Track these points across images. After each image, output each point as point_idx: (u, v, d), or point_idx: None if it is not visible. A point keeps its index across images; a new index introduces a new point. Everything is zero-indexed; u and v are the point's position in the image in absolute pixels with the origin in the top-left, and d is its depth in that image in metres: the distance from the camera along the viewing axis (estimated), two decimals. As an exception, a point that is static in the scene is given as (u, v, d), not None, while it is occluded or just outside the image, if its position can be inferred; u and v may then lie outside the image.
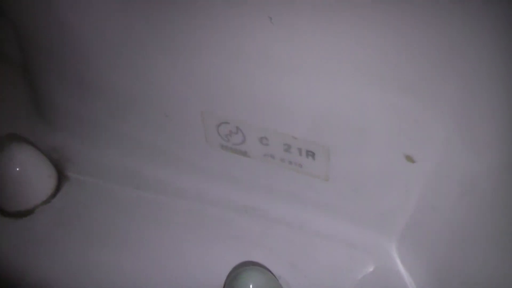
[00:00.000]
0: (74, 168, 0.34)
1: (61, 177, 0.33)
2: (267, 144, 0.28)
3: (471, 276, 0.26)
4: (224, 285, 0.27)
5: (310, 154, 0.27)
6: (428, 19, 0.21)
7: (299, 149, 0.27)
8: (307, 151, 0.27)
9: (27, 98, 0.38)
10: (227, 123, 0.28)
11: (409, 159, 0.25)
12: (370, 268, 0.29)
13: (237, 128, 0.28)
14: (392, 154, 0.26)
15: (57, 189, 0.33)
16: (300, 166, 0.28)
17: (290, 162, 0.28)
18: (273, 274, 0.28)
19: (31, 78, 0.36)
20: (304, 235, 0.30)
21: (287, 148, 0.28)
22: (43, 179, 0.32)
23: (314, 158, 0.27)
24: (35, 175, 0.32)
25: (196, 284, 0.29)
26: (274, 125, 0.27)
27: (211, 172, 0.32)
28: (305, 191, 0.30)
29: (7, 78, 0.40)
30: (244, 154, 0.29)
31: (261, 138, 0.28)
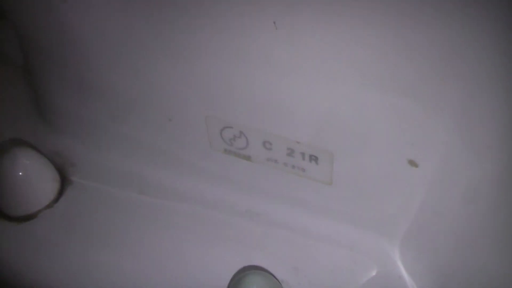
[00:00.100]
0: (77, 172, 0.34)
1: (64, 181, 0.33)
2: (270, 149, 0.28)
3: (474, 280, 0.26)
4: (227, 289, 0.27)
5: (313, 158, 0.27)
6: (428, 21, 0.21)
7: (302, 153, 0.27)
8: (310, 156, 0.27)
9: (29, 101, 0.38)
10: (231, 127, 0.28)
11: (412, 163, 0.25)
12: (373, 272, 0.29)
13: (240, 132, 0.28)
14: (395, 158, 0.26)
15: (60, 193, 0.33)
16: (303, 170, 0.28)
17: (293, 167, 0.28)
18: (276, 279, 0.28)
19: (32, 79, 0.36)
20: (307, 239, 0.30)
21: (290, 152, 0.28)
22: (46, 183, 0.32)
23: (317, 163, 0.27)
24: (38, 179, 0.32)
25: (199, 288, 0.28)
26: (278, 129, 0.27)
27: (214, 176, 0.32)
28: (308, 195, 0.30)
29: (9, 81, 0.40)
30: (248, 158, 0.29)
31: (264, 143, 0.28)
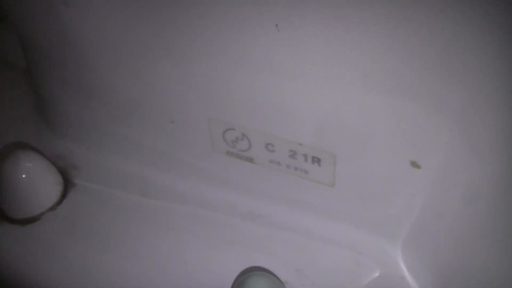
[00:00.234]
0: (80, 175, 0.34)
1: (67, 184, 0.33)
2: (273, 151, 0.28)
3: (475, 280, 0.26)
4: (230, 291, 0.27)
5: (316, 160, 0.27)
6: (429, 23, 0.21)
7: (305, 155, 0.27)
8: (313, 157, 0.27)
9: (32, 104, 0.38)
10: (233, 129, 0.28)
11: (414, 165, 0.25)
12: (376, 274, 0.29)
13: (243, 134, 0.28)
14: (397, 160, 0.26)
15: (63, 196, 0.33)
16: (306, 172, 0.28)
17: (296, 169, 0.28)
18: (279, 280, 0.28)
19: (34, 82, 0.36)
20: (310, 240, 0.30)
21: (292, 154, 0.28)
22: (49, 186, 0.32)
23: (319, 165, 0.27)
24: (41, 182, 0.32)
25: (202, 290, 0.29)
26: (280, 131, 0.27)
27: (216, 178, 0.32)
28: (310, 197, 0.30)
29: (11, 84, 0.40)
30: (250, 160, 0.29)
31: (267, 145, 0.28)
